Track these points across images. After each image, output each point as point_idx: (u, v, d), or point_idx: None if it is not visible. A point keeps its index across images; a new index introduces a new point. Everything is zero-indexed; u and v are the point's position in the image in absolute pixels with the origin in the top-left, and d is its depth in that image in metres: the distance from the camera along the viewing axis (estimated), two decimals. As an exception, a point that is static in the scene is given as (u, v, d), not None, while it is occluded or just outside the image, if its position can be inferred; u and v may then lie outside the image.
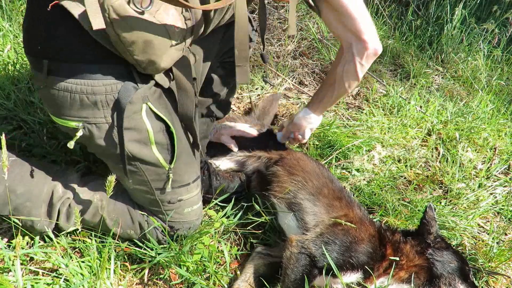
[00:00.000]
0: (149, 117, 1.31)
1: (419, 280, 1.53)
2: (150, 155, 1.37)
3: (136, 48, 1.14)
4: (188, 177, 1.50)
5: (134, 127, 1.30)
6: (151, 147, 1.35)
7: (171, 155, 1.40)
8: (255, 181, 1.91)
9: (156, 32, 1.14)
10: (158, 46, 1.16)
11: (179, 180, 1.47)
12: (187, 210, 1.54)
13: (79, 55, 1.20)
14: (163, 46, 1.18)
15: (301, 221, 1.62)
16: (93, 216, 1.50)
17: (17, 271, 1.27)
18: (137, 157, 1.35)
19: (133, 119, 1.29)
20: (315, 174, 1.76)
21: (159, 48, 1.17)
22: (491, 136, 2.62)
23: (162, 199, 1.48)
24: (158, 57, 1.19)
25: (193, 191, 1.54)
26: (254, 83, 2.71)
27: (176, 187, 1.48)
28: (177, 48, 1.23)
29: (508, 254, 1.76)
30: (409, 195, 2.11)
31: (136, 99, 1.27)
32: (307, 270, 1.44)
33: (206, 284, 1.47)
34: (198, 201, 1.58)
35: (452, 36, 3.62)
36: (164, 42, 1.17)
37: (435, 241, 1.58)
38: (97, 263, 1.40)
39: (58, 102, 1.25)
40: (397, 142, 2.43)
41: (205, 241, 1.52)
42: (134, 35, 1.12)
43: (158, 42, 1.15)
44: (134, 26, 1.10)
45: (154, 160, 1.38)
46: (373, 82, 2.96)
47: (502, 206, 2.15)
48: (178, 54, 1.26)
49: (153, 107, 1.31)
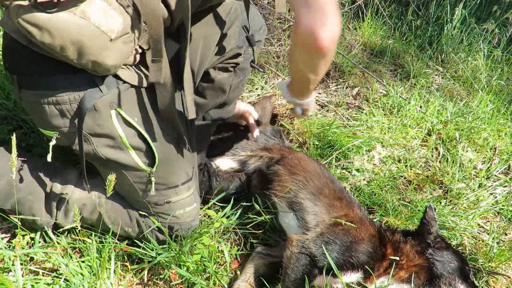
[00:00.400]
0: (120, 122, 1.30)
1: (419, 280, 1.53)
2: (129, 159, 1.37)
3: (70, 53, 1.10)
4: (175, 179, 1.49)
5: (106, 134, 1.30)
6: (128, 152, 1.35)
7: (151, 159, 1.40)
8: (256, 180, 1.91)
9: (82, 31, 1.06)
10: (91, 45, 1.09)
11: (164, 183, 1.47)
12: (179, 212, 1.53)
13: (40, 68, 1.20)
14: (99, 43, 1.10)
15: (301, 220, 1.62)
16: (91, 213, 1.51)
17: (17, 271, 1.27)
18: (115, 161, 1.36)
19: (104, 126, 1.28)
20: (316, 174, 1.76)
21: (94, 47, 1.10)
22: (491, 136, 2.62)
23: (148, 201, 1.48)
24: (98, 57, 1.12)
25: (183, 193, 1.52)
26: (254, 83, 2.71)
27: (162, 189, 1.47)
28: (123, 41, 1.15)
29: (508, 254, 1.76)
30: (409, 195, 2.11)
31: (102, 106, 1.25)
32: (307, 270, 1.44)
33: (206, 284, 1.47)
34: (192, 202, 1.56)
35: (452, 36, 3.62)
36: (99, 39, 1.10)
37: (435, 241, 1.58)
38: (97, 263, 1.40)
39: (35, 114, 1.29)
40: (397, 142, 2.43)
41: (205, 241, 1.52)
42: (58, 40, 1.06)
43: (89, 40, 1.08)
44: (53, 30, 1.04)
45: (133, 164, 1.38)
46: (373, 82, 2.96)
47: (502, 206, 2.15)
48: (128, 47, 1.18)
49: (123, 113, 1.29)
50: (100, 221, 1.51)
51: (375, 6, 3.66)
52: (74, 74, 1.19)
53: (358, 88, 2.91)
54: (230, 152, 1.97)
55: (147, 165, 1.40)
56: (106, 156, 1.34)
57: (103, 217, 1.50)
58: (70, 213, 1.49)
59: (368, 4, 3.63)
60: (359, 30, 3.59)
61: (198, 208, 1.61)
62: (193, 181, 1.56)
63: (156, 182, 1.44)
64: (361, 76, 3.02)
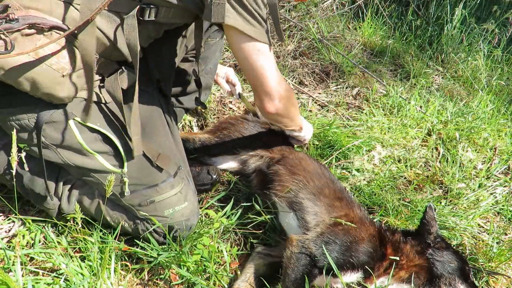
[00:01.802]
0: (80, 130, 1.35)
1: (419, 280, 1.53)
2: (96, 164, 1.41)
3: (25, 87, 1.19)
4: (153, 178, 1.49)
5: (66, 143, 1.35)
6: (94, 157, 1.39)
7: (120, 160, 1.42)
8: (256, 180, 1.92)
9: (34, 69, 1.16)
10: (44, 81, 1.19)
11: (141, 183, 1.47)
12: (168, 211, 1.52)
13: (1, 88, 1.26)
14: (51, 80, 1.20)
15: (302, 220, 1.62)
16: (91, 203, 1.54)
17: (17, 271, 1.27)
18: (85, 167, 1.41)
19: (64, 136, 1.34)
20: (317, 174, 1.76)
21: (47, 83, 1.20)
22: (491, 136, 2.62)
23: (131, 203, 1.49)
24: (52, 90, 1.22)
25: (167, 192, 1.51)
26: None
27: (141, 189, 1.48)
28: (78, 75, 1.25)
29: (508, 254, 1.76)
30: (409, 195, 2.11)
31: (59, 118, 1.31)
32: (307, 270, 1.44)
33: (207, 284, 1.47)
34: (181, 201, 1.54)
35: (452, 36, 3.62)
36: (50, 76, 1.19)
37: (435, 241, 1.58)
38: (98, 263, 1.40)
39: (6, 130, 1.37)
40: (397, 142, 2.43)
41: (205, 241, 1.52)
42: (12, 77, 1.15)
43: (41, 77, 1.18)
44: (6, 68, 1.13)
45: (103, 168, 1.41)
46: (373, 82, 2.96)
47: (502, 206, 2.15)
48: (80, 80, 1.27)
49: (81, 120, 1.34)
50: (100, 213, 1.53)
51: (375, 6, 3.66)
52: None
53: (358, 88, 2.91)
54: (231, 151, 1.97)
55: (117, 167, 1.42)
56: (75, 163, 1.40)
57: (101, 208, 1.53)
58: (73, 198, 1.52)
59: (368, 4, 3.63)
60: (359, 30, 3.59)
61: (192, 207, 1.58)
62: (177, 179, 1.54)
63: (133, 183, 1.45)
64: (361, 76, 3.02)
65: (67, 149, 1.37)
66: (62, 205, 1.52)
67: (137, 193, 1.47)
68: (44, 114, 1.29)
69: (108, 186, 1.27)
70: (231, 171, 2.03)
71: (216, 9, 1.27)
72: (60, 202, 1.52)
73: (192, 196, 1.60)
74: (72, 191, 1.53)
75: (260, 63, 1.41)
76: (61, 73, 1.20)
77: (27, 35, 1.13)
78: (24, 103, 1.29)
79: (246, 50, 1.37)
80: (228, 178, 2.00)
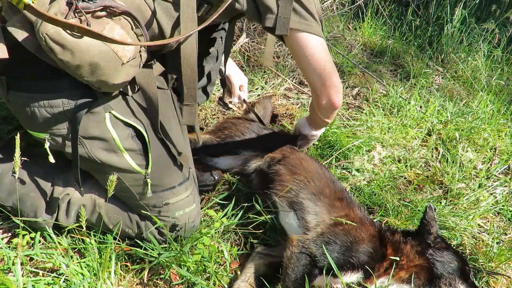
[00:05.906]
0: (114, 125, 1.32)
1: (419, 280, 1.53)
2: (122, 162, 1.37)
3: (83, 71, 1.14)
4: (171, 180, 1.49)
5: (99, 136, 1.31)
6: (122, 154, 1.36)
7: (146, 160, 1.40)
8: (257, 179, 1.92)
9: (102, 54, 1.12)
10: (106, 67, 1.15)
11: (160, 184, 1.47)
12: (178, 213, 1.52)
13: (33, 72, 1.21)
14: (112, 66, 1.17)
15: (302, 220, 1.62)
16: (91, 214, 1.52)
17: (17, 271, 1.27)
18: (109, 164, 1.36)
19: (97, 128, 1.30)
20: (317, 174, 1.76)
21: (107, 69, 1.16)
22: (491, 136, 2.62)
23: (146, 203, 1.48)
24: (108, 77, 1.18)
25: (181, 194, 1.52)
26: (254, 83, 2.71)
27: (159, 191, 1.47)
28: (131, 64, 1.22)
29: (508, 254, 1.77)
30: (409, 195, 2.11)
31: (97, 109, 1.28)
32: (307, 270, 1.45)
33: (207, 284, 1.47)
34: (191, 203, 1.56)
35: (452, 36, 3.63)
36: (113, 62, 1.16)
37: (435, 241, 1.58)
38: (98, 263, 1.40)
39: (23, 116, 1.29)
40: (397, 142, 2.44)
41: (205, 241, 1.52)
42: (77, 60, 1.10)
43: (105, 63, 1.14)
44: (76, 51, 1.09)
45: (128, 167, 1.38)
46: (373, 82, 2.96)
47: (502, 206, 2.15)
48: (134, 70, 1.25)
49: (118, 114, 1.31)
50: (101, 222, 1.51)
51: (375, 6, 3.66)
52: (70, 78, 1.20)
53: (358, 88, 2.91)
54: (232, 151, 1.98)
55: (142, 167, 1.41)
56: (100, 159, 1.35)
57: (103, 218, 1.51)
58: (71, 212, 1.49)
59: (368, 4, 3.63)
60: (359, 30, 3.60)
61: (197, 209, 1.60)
62: (190, 181, 1.56)
63: (152, 184, 1.44)
64: (361, 76, 3.03)
65: (96, 143, 1.32)
66: (60, 218, 1.49)
67: (155, 194, 1.46)
68: (84, 103, 1.25)
69: (109, 187, 1.27)
70: (231, 171, 2.03)
71: (281, 23, 1.31)
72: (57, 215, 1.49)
73: (197, 198, 1.61)
74: (70, 204, 1.49)
75: (326, 57, 1.46)
76: (122, 60, 1.17)
77: (97, 17, 1.10)
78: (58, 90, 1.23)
79: (310, 47, 1.41)
80: (228, 178, 2.00)
